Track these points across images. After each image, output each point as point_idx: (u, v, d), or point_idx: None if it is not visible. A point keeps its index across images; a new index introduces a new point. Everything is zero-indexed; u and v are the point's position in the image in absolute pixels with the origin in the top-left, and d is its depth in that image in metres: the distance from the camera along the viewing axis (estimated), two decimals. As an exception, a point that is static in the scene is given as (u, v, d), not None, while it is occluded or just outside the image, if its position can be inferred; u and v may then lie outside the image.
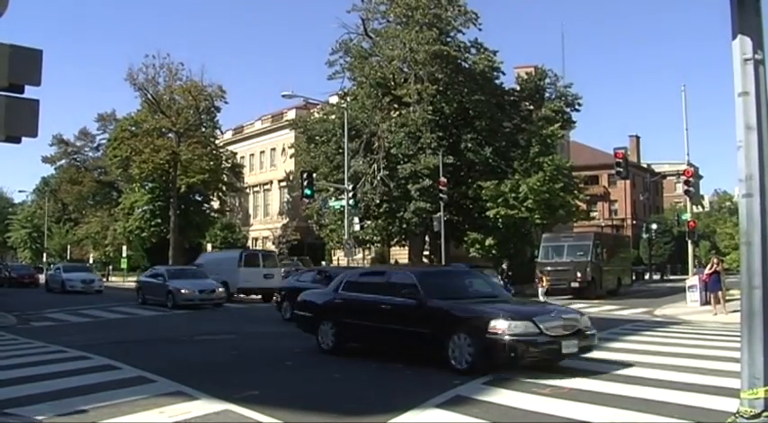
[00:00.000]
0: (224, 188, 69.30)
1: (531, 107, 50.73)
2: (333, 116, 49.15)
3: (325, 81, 52.36)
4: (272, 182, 75.16)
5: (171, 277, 30.99)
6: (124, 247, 67.84)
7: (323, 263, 61.06)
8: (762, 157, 5.87)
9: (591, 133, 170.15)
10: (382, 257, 59.08)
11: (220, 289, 30.50)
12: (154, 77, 60.09)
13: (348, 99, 48.79)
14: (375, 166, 44.81)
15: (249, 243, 74.03)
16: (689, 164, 33.20)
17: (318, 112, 53.96)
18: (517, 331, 10.78)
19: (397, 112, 47.16)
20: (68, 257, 79.52)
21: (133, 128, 65.23)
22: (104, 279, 55.63)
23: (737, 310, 7.23)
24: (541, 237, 41.75)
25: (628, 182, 78.26)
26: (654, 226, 73.48)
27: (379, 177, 44.34)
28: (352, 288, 14.40)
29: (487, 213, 44.46)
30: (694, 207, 41.61)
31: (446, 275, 15.60)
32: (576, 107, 51.28)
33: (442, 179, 40.53)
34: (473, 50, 48.52)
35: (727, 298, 25.50)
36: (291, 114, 67.20)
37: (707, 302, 26.61)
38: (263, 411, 8.67)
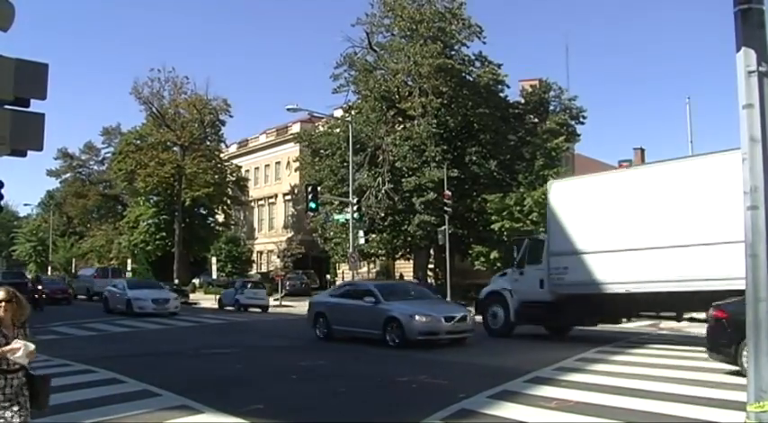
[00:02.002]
0: (229, 202, 69.29)
1: (536, 120, 50.71)
2: (337, 129, 49.20)
3: (330, 94, 52.68)
4: (276, 195, 75.16)
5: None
6: (129, 261, 67.90)
7: (327, 276, 61.02)
8: (766, 169, 5.86)
9: (596, 146, 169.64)
10: (387, 271, 59.01)
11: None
12: (159, 91, 60.37)
13: (353, 112, 48.86)
14: (380, 179, 44.81)
15: (254, 256, 74.01)
16: (694, 176, 33.07)
17: (323, 126, 54.03)
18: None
19: (402, 126, 47.19)
20: (73, 271, 79.59)
21: (138, 141, 65.38)
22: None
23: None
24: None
25: (633, 194, 77.96)
26: (659, 239, 73.19)
27: (383, 190, 44.33)
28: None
29: (492, 226, 44.36)
30: (699, 219, 41.42)
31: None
32: (581, 120, 51.24)
33: (447, 192, 40.48)
34: (477, 64, 48.59)
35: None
36: (296, 128, 67.28)
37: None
38: (268, 425, 8.65)
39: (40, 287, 40.60)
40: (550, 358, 14.33)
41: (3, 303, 5.51)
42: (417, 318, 18.22)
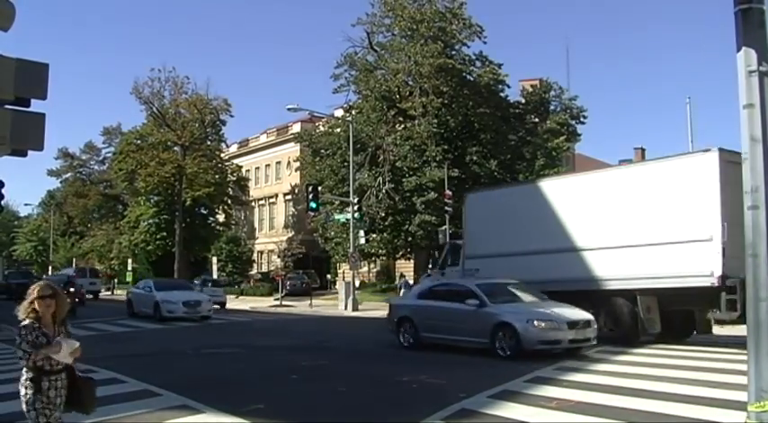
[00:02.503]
0: (229, 201, 69.31)
1: (536, 120, 50.76)
2: (338, 129, 49.23)
3: (331, 94, 52.70)
4: (277, 195, 75.17)
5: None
6: (129, 261, 67.89)
7: (328, 276, 61.03)
8: (767, 168, 5.86)
9: (596, 146, 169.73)
10: (387, 271, 59.02)
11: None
12: (159, 91, 60.35)
13: (353, 112, 48.88)
14: (380, 179, 44.83)
15: (255, 256, 74.05)
16: (694, 176, 33.12)
17: (324, 126, 54.06)
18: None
19: (403, 125, 47.21)
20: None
21: (138, 141, 65.40)
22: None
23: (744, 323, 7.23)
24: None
25: (633, 194, 77.95)
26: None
27: (384, 190, 44.34)
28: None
29: (493, 226, 44.39)
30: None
31: None
32: (581, 120, 51.33)
33: (448, 192, 40.49)
34: (478, 63, 48.60)
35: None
36: (297, 128, 67.30)
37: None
38: (269, 425, 8.65)
39: (72, 289, 34.06)
40: (550, 358, 14.32)
41: (44, 299, 5.31)
42: (536, 323, 15.12)
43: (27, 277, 52.99)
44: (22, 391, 5.47)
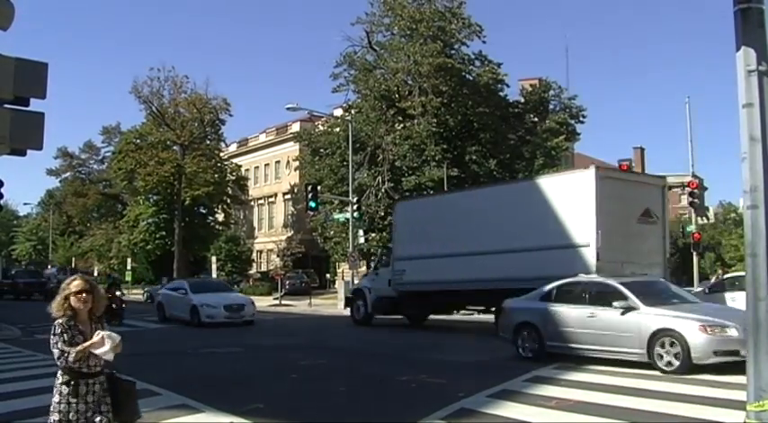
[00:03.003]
0: (228, 201, 69.33)
1: (536, 119, 50.76)
2: (337, 129, 49.21)
3: (330, 94, 52.65)
4: (276, 194, 75.18)
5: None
6: (129, 260, 67.87)
7: (327, 276, 61.03)
8: (766, 168, 5.86)
9: (595, 145, 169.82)
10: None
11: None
12: (159, 90, 60.38)
13: (352, 112, 48.86)
14: (380, 178, 44.83)
15: (254, 255, 74.04)
16: (694, 175, 33.23)
17: (323, 125, 54.03)
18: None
19: (402, 125, 47.19)
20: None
21: (138, 141, 65.38)
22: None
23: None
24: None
25: (633, 194, 77.97)
26: (659, 238, 73.14)
27: (383, 190, 44.34)
28: None
29: (492, 225, 44.41)
30: (699, 219, 41.59)
31: None
32: (581, 119, 51.32)
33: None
34: (477, 63, 48.60)
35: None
36: (296, 127, 67.29)
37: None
38: (268, 424, 8.65)
39: (118, 293, 28.88)
40: (550, 357, 14.31)
41: (81, 294, 4.98)
42: (709, 330, 12.29)
43: (35, 276, 53.03)
44: (56, 399, 5.02)
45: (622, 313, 13.35)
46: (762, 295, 5.78)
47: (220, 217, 70.71)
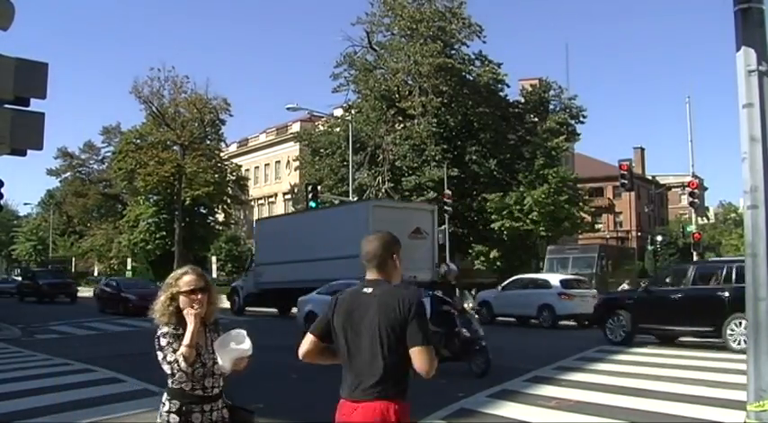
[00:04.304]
0: (229, 201, 69.30)
1: (536, 119, 50.77)
2: (337, 129, 49.25)
3: (330, 94, 52.70)
4: (276, 194, 75.21)
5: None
6: (129, 260, 67.85)
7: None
8: (766, 168, 5.85)
9: (595, 145, 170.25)
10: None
11: None
12: (159, 90, 60.30)
13: (353, 112, 48.90)
14: (380, 178, 44.86)
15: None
16: (694, 175, 33.18)
17: (323, 125, 54.06)
18: None
19: (402, 125, 47.22)
20: (73, 270, 79.45)
21: (138, 141, 65.35)
22: None
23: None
24: (546, 249, 41.73)
25: (632, 194, 77.91)
26: (659, 238, 73.22)
27: (383, 190, 44.36)
28: None
29: (492, 226, 44.43)
30: (699, 219, 41.56)
31: None
32: (581, 119, 51.33)
33: (447, 192, 40.50)
34: (477, 63, 48.65)
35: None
36: (296, 127, 67.33)
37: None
38: (268, 424, 8.64)
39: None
40: (550, 357, 14.32)
41: (194, 294, 3.93)
42: None
43: (59, 276, 48.57)
44: None
45: None
46: (762, 295, 5.77)
47: (221, 217, 70.71)
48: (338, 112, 51.30)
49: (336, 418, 3.78)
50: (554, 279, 27.09)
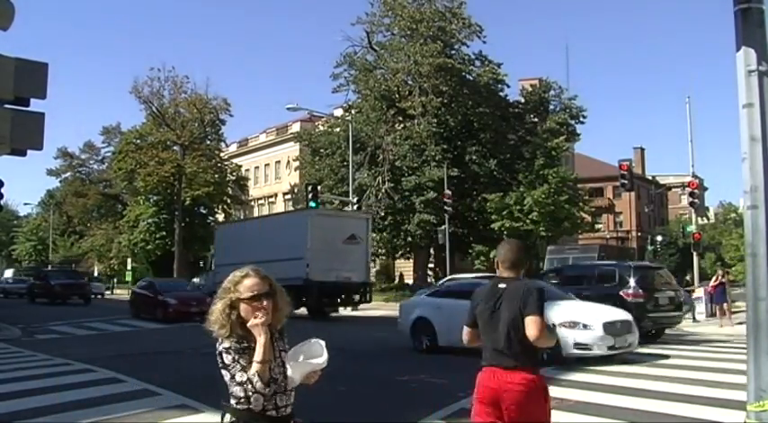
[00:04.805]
0: (229, 201, 69.36)
1: (536, 119, 50.79)
2: (337, 129, 49.26)
3: (330, 94, 52.73)
4: (276, 194, 75.20)
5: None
6: (129, 260, 67.85)
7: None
8: (766, 168, 5.85)
9: (595, 145, 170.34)
10: (387, 270, 58.97)
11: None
12: (159, 90, 60.43)
13: (353, 112, 48.91)
14: (380, 178, 44.86)
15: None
16: (694, 176, 33.17)
17: (323, 125, 54.08)
18: None
19: (402, 125, 47.23)
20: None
21: (138, 141, 65.41)
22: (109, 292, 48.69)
23: (743, 322, 7.19)
24: (546, 249, 41.72)
25: (632, 194, 77.87)
26: (659, 238, 73.13)
27: (383, 190, 44.37)
28: None
29: (492, 226, 44.43)
30: (699, 219, 41.55)
31: None
32: (581, 119, 51.34)
33: (447, 192, 40.51)
34: (477, 63, 48.66)
35: (733, 310, 25.36)
36: (296, 127, 67.33)
37: (712, 314, 26.51)
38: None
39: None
40: (550, 357, 14.29)
41: (258, 301, 3.36)
42: None
43: (72, 277, 46.23)
44: None
45: None
46: (762, 295, 5.77)
47: (221, 217, 70.65)
48: (338, 112, 51.31)
49: (481, 381, 4.65)
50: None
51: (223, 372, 3.40)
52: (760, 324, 5.80)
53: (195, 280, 46.11)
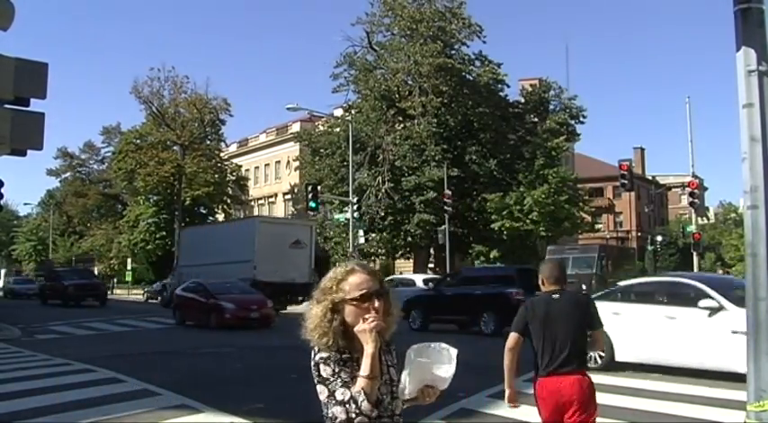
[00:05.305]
0: (229, 201, 69.37)
1: (536, 119, 50.76)
2: (337, 129, 49.21)
3: (330, 94, 52.65)
4: (276, 194, 75.16)
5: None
6: (129, 260, 67.81)
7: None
8: (766, 168, 5.85)
9: (595, 145, 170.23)
10: (387, 270, 58.94)
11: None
12: (159, 90, 60.48)
13: (353, 112, 48.87)
14: (380, 178, 44.83)
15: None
16: (694, 176, 33.18)
17: (323, 125, 54.03)
18: None
19: (402, 125, 47.21)
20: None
21: (138, 141, 65.41)
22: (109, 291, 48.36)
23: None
24: (546, 249, 41.73)
25: (632, 194, 77.81)
26: (659, 238, 73.19)
27: (383, 190, 44.35)
28: None
29: (492, 226, 44.41)
30: (699, 219, 41.55)
31: None
32: (581, 119, 51.31)
33: (447, 191, 40.50)
34: (477, 63, 48.63)
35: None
36: (296, 127, 67.27)
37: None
38: (268, 424, 8.63)
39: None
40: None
41: (368, 302, 2.76)
42: None
43: (86, 277, 44.39)
44: None
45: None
46: (761, 295, 5.77)
47: (221, 217, 70.64)
48: (338, 113, 51.27)
49: (541, 392, 5.49)
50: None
51: (319, 388, 2.90)
52: (760, 324, 5.80)
53: (167, 280, 45.84)
